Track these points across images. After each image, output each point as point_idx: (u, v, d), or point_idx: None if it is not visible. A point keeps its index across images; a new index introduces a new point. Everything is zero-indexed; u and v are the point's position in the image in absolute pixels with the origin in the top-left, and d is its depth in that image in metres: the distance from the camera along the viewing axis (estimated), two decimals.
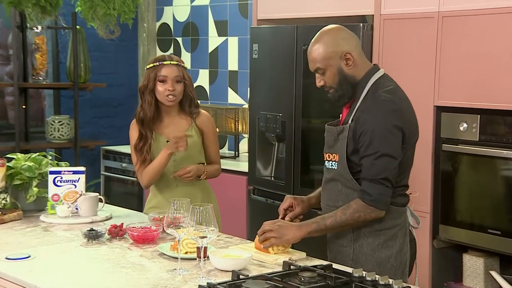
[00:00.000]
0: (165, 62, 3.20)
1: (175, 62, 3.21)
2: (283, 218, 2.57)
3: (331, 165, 2.51)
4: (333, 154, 2.50)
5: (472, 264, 3.52)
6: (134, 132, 3.27)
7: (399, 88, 2.50)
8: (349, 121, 2.45)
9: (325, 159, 2.56)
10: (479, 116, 3.34)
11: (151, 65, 3.22)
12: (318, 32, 2.50)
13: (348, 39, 2.47)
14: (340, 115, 2.57)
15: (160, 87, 3.19)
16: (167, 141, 3.22)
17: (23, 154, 3.28)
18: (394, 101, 2.39)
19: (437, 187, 3.54)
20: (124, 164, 5.82)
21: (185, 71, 3.24)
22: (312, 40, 2.51)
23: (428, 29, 3.50)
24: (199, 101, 3.41)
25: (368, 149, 2.36)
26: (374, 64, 2.54)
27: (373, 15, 3.75)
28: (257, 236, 2.47)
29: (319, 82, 2.50)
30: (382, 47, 3.72)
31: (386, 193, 2.38)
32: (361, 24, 3.71)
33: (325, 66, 2.46)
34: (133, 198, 5.75)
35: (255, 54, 4.40)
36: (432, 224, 3.56)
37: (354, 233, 2.48)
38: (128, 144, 3.33)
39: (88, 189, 3.80)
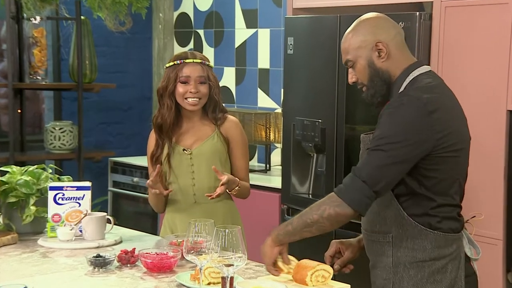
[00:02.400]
0: (187, 60, 3.23)
1: (199, 60, 3.24)
2: (331, 266, 2.57)
3: None
4: None
5: None
6: (152, 140, 3.32)
7: (443, 86, 2.48)
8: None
9: None
10: None
11: (171, 63, 3.26)
12: (355, 21, 2.53)
13: (385, 28, 2.48)
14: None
15: (181, 89, 3.22)
16: (184, 150, 3.26)
17: (18, 167, 3.30)
18: (420, 99, 2.35)
19: (511, 208, 3.49)
20: (135, 179, 5.86)
21: (210, 70, 3.27)
22: (347, 30, 2.54)
23: (500, 19, 3.47)
24: (224, 105, 3.42)
25: (372, 141, 2.36)
26: (417, 60, 2.53)
27: (432, 2, 3.74)
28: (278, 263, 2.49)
29: (351, 78, 2.52)
30: (443, 40, 3.70)
31: (358, 188, 2.33)
32: (417, 12, 3.70)
33: (355, 58, 2.48)
34: (146, 219, 5.79)
35: (290, 49, 4.41)
36: (506, 254, 3.51)
37: (393, 264, 2.47)
38: (140, 154, 3.36)
39: (94, 207, 3.84)
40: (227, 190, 3.17)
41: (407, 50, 2.52)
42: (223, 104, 3.37)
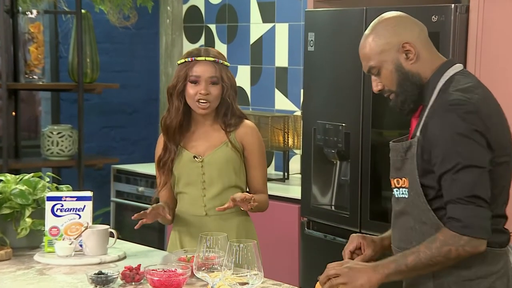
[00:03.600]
0: (198, 58, 3.24)
1: (212, 58, 3.25)
2: None
3: (401, 194, 2.51)
4: (403, 179, 2.50)
5: None
6: (160, 143, 3.34)
7: (481, 86, 2.49)
8: (417, 134, 2.45)
9: (392, 186, 2.55)
10: None
11: (183, 60, 3.28)
12: (371, 23, 2.54)
13: (408, 26, 2.49)
14: (410, 129, 2.57)
15: (191, 89, 3.23)
16: (194, 157, 3.26)
17: (13, 175, 3.30)
18: (471, 101, 2.37)
19: None
20: (140, 188, 5.87)
21: (225, 70, 3.28)
22: (364, 33, 2.54)
23: None
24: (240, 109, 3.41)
25: (444, 163, 2.35)
26: (448, 59, 2.54)
27: None
28: (317, 283, 2.46)
29: (376, 86, 2.53)
30: (481, 35, 3.68)
31: (481, 214, 2.33)
32: (453, 5, 3.69)
33: (379, 63, 2.48)
34: (152, 232, 5.78)
35: (311, 46, 4.40)
36: None
37: (434, 285, 2.46)
38: (146, 161, 3.37)
39: (95, 220, 3.83)
40: (241, 208, 3.16)
41: (433, 48, 2.53)
42: (239, 108, 3.37)
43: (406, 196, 2.48)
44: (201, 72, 3.23)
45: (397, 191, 2.53)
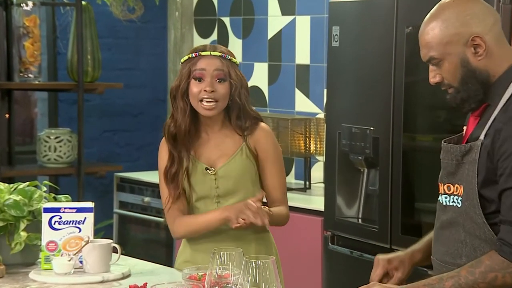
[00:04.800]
0: (203, 53, 3.22)
1: (218, 53, 3.23)
2: None
3: (452, 202, 2.49)
4: (456, 185, 2.48)
5: None
6: (163, 153, 3.30)
7: None
8: (481, 137, 2.43)
9: (441, 192, 2.54)
10: None
11: (186, 57, 3.27)
12: (437, 5, 2.50)
13: (481, 16, 2.46)
14: (464, 128, 2.56)
15: (194, 87, 3.21)
16: (206, 169, 3.25)
17: (6, 184, 3.30)
18: None
19: None
20: (146, 199, 5.85)
21: (232, 66, 3.25)
22: (427, 16, 2.50)
23: None
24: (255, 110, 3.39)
25: (511, 178, 2.33)
26: None
27: None
28: None
29: (433, 77, 2.50)
30: None
31: None
32: None
33: (443, 55, 2.46)
34: (159, 247, 5.78)
35: (336, 41, 4.39)
36: None
37: None
38: (153, 169, 3.38)
39: (97, 233, 3.80)
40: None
41: (506, 42, 2.49)
42: (254, 109, 3.34)
43: (459, 206, 2.47)
44: (205, 65, 3.20)
45: (446, 198, 2.52)
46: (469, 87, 2.45)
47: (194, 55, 3.22)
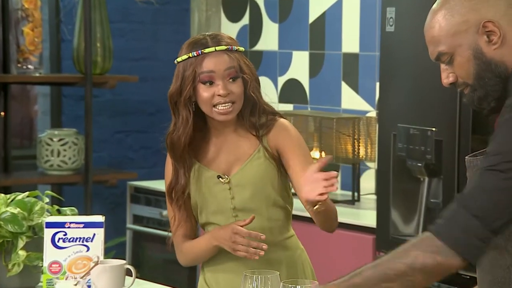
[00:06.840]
0: (207, 50, 3.11)
1: (224, 47, 3.13)
2: None
3: None
4: None
5: None
6: (169, 166, 3.28)
7: None
8: None
9: None
10: None
11: (185, 56, 3.16)
12: None
13: (491, 0, 2.43)
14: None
15: (204, 92, 3.11)
16: (219, 177, 3.19)
17: (2, 195, 3.27)
18: None
19: None
20: (165, 212, 5.66)
21: (242, 58, 3.18)
22: (431, 9, 2.47)
23: None
24: (275, 106, 3.35)
25: (485, 159, 2.29)
26: None
27: None
28: None
29: (446, 77, 2.45)
30: None
31: (465, 225, 2.22)
32: None
33: (452, 48, 2.40)
34: (180, 269, 5.54)
35: (390, 25, 4.27)
36: None
37: None
38: None
39: (107, 252, 3.92)
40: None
41: None
42: (267, 103, 3.25)
43: None
44: (214, 65, 3.08)
45: None
46: (485, 83, 2.39)
47: (196, 54, 3.11)
